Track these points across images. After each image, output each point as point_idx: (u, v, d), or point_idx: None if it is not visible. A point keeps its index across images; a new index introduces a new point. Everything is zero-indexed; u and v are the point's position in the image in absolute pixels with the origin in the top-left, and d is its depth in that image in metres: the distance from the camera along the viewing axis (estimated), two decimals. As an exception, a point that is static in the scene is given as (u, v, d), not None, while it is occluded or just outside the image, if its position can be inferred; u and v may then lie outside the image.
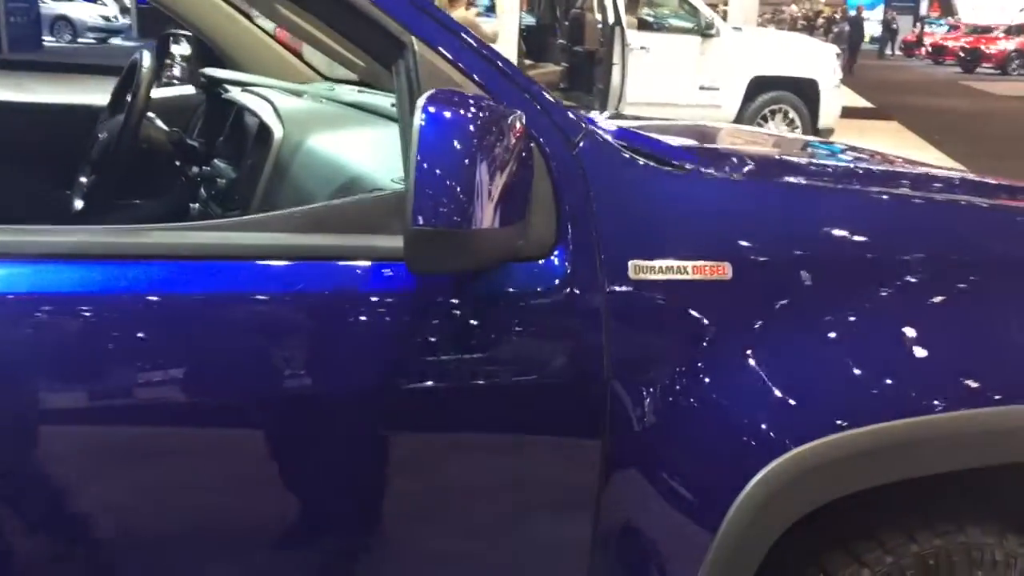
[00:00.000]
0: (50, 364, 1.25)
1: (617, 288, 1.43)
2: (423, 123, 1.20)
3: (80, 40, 24.81)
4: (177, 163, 2.59)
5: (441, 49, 1.43)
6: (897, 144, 10.98)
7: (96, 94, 3.17)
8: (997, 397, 1.49)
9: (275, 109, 2.26)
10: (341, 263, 1.36)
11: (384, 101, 2.30)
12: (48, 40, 21.97)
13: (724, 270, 1.47)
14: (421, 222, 1.19)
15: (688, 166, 1.59)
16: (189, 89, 3.07)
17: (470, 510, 1.48)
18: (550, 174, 1.43)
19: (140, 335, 1.28)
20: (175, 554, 1.35)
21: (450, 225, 1.20)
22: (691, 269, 1.45)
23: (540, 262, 1.41)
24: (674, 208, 1.52)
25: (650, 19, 10.35)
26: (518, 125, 1.30)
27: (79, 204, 2.53)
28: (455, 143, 1.20)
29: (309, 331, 1.35)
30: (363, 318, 1.35)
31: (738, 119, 9.77)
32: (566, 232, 1.43)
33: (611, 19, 8.48)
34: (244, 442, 1.35)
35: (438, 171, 1.20)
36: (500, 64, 1.48)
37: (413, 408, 1.39)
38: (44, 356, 1.25)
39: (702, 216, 1.53)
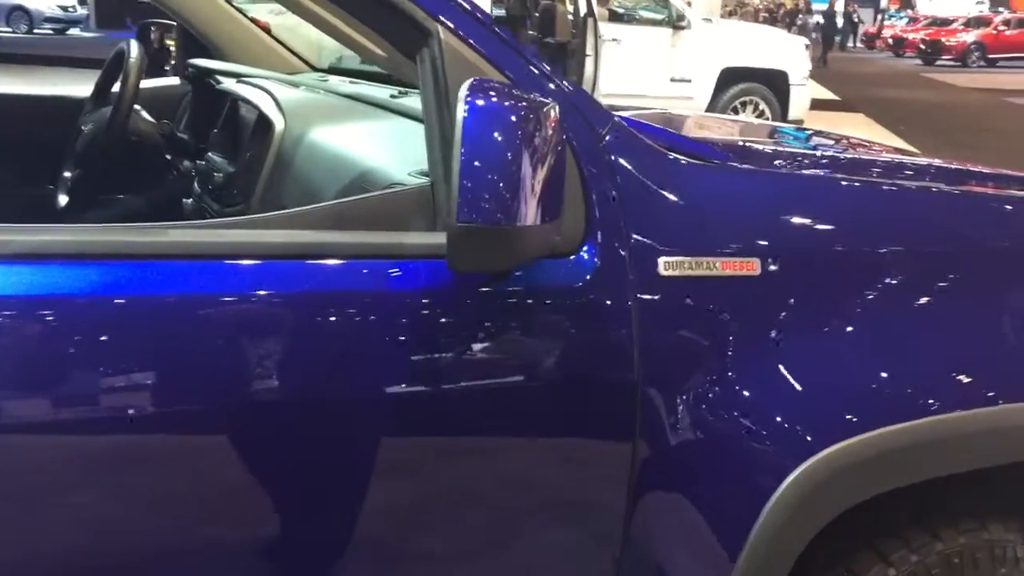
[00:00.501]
0: (68, 374, 1.19)
1: (647, 285, 1.40)
2: (466, 115, 1.15)
3: (37, 31, 24.41)
4: (167, 157, 2.51)
5: (467, 37, 1.38)
6: (865, 135, 11.06)
7: (61, 86, 3.07)
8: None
9: (275, 100, 2.19)
10: (367, 261, 1.31)
11: (382, 93, 2.25)
12: (4, 31, 21.58)
13: (753, 266, 1.44)
14: (465, 219, 1.14)
15: (713, 159, 1.56)
16: (173, 80, 2.99)
17: (499, 511, 1.44)
18: (578, 166, 1.39)
19: (163, 338, 1.22)
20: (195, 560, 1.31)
21: (495, 222, 1.15)
22: (720, 265, 1.42)
23: (570, 258, 1.38)
24: (701, 202, 1.48)
25: (621, 11, 10.33)
26: (553, 115, 1.25)
27: (63, 200, 2.45)
28: (500, 136, 1.16)
29: (338, 332, 1.29)
30: (392, 318, 1.30)
31: (709, 110, 9.79)
32: (595, 227, 1.39)
33: (583, 10, 8.45)
34: (275, 447, 1.30)
35: (483, 165, 1.15)
36: (526, 53, 1.43)
37: (446, 410, 1.35)
38: (58, 364, 1.19)
39: (730, 210, 1.50)
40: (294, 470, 1.31)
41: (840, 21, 36.34)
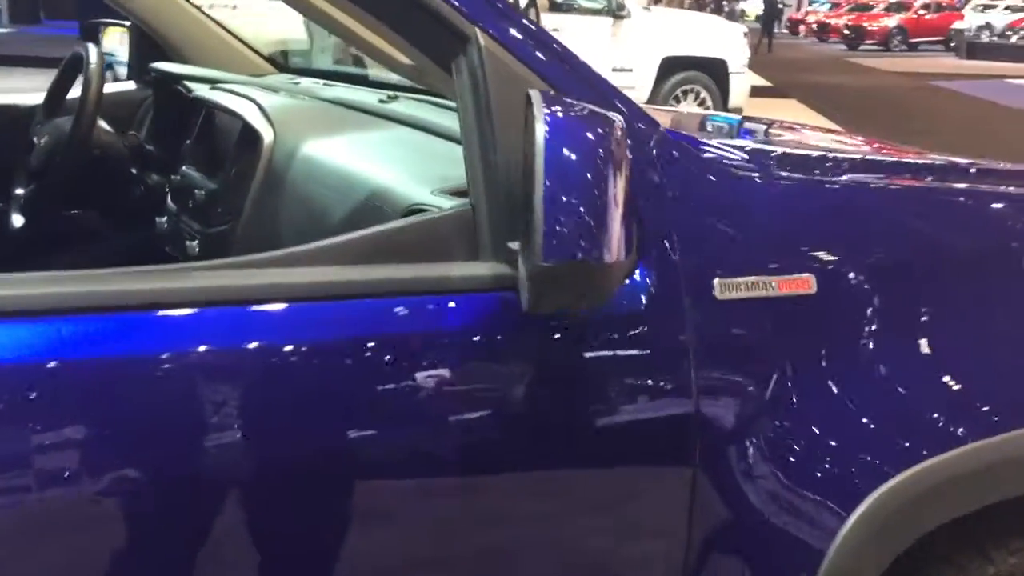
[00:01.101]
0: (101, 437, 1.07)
1: (703, 309, 1.30)
2: (547, 134, 1.02)
3: (-52, 26, 23.47)
4: (133, 171, 2.33)
5: (510, 43, 1.25)
6: (801, 121, 11.13)
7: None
8: None
9: (261, 109, 2.02)
10: (413, 297, 1.19)
11: (367, 97, 2.11)
12: (-88, 27, 20.70)
13: (808, 283, 1.35)
14: (552, 257, 1.02)
15: (759, 169, 1.47)
16: (128, 85, 2.80)
17: (563, 547, 1.34)
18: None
19: (196, 395, 1.10)
20: None
21: (584, 259, 1.03)
22: (776, 285, 1.33)
23: (625, 282, 1.27)
24: (752, 216, 1.39)
25: (560, 0, 10.23)
26: (620, 130, 1.10)
27: (18, 219, 2.26)
28: (583, 159, 1.03)
29: (396, 376, 1.18)
30: (452, 359, 1.19)
31: (651, 100, 9.75)
32: (647, 248, 1.29)
33: (523, 0, 8.34)
34: (331, 501, 1.19)
35: (569, 194, 1.02)
36: (573, 59, 1.32)
37: (513, 450, 1.25)
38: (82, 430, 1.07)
39: (781, 224, 1.41)
40: (367, 518, 1.22)
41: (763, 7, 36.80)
